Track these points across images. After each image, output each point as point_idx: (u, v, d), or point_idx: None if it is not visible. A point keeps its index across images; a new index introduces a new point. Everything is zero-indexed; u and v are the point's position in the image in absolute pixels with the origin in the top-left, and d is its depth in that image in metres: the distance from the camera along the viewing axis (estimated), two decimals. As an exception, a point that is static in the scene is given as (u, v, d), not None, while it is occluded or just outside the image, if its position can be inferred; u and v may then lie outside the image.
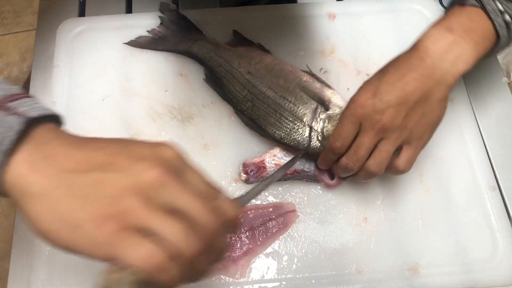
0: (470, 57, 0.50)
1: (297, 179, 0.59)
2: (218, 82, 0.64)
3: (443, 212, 0.59)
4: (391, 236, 0.57)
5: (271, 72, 0.61)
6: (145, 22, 0.70)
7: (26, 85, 0.77)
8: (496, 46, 0.53)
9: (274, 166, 0.59)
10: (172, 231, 0.31)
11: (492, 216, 0.58)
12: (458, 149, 0.62)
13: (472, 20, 0.51)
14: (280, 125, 0.59)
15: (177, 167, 0.34)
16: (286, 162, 0.59)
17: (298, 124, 0.58)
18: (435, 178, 0.61)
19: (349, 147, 0.52)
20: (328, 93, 0.60)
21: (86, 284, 0.54)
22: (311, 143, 0.57)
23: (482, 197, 0.60)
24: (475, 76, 0.68)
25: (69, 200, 0.31)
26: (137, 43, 0.67)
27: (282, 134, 0.59)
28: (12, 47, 1.62)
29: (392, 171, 0.52)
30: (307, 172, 0.59)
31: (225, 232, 0.36)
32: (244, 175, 0.59)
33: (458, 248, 0.57)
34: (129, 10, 0.73)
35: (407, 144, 0.51)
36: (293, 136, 0.58)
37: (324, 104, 0.59)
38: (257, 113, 0.60)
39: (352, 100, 0.52)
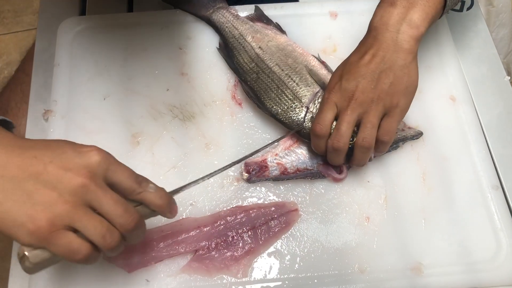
0: (417, 21, 0.53)
1: (301, 177, 0.59)
2: (229, 53, 0.66)
3: (446, 212, 0.58)
4: (394, 236, 0.57)
5: (282, 51, 0.63)
6: (146, 21, 0.69)
7: (9, 84, 0.77)
8: (443, 10, 0.56)
9: (276, 165, 0.59)
10: (95, 229, 0.39)
11: (495, 216, 0.58)
12: (461, 148, 0.62)
13: None
14: (279, 101, 0.60)
15: (102, 171, 0.40)
16: (288, 161, 0.59)
17: (296, 103, 0.59)
18: (437, 178, 0.60)
19: (328, 132, 0.55)
20: None
21: (87, 284, 0.54)
22: (304, 123, 0.59)
23: (485, 197, 0.59)
24: (477, 76, 0.68)
25: (10, 203, 0.38)
26: None
27: (279, 110, 0.60)
28: (12, 47, 1.62)
29: (377, 146, 0.55)
30: (310, 169, 0.59)
31: (143, 222, 0.44)
32: (246, 174, 0.58)
33: (461, 247, 0.57)
34: (130, 8, 0.73)
35: (385, 115, 0.54)
36: (289, 114, 0.59)
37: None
38: (259, 85, 0.61)
39: (325, 90, 0.56)
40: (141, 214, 0.43)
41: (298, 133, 0.60)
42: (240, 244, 0.55)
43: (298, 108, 0.59)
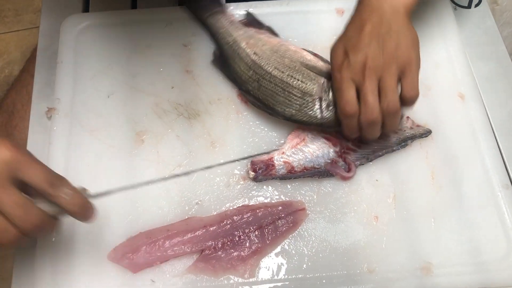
0: None
1: (308, 176, 0.58)
2: (225, 63, 0.64)
3: (455, 211, 0.58)
4: (403, 235, 0.56)
5: (276, 53, 0.61)
6: (150, 18, 0.68)
7: (14, 86, 0.76)
8: None
9: (282, 163, 0.58)
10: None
11: (505, 215, 0.57)
12: (470, 146, 0.61)
13: None
14: (289, 102, 0.58)
15: (8, 170, 0.40)
16: (294, 160, 0.58)
17: (307, 98, 0.58)
18: (447, 176, 0.59)
19: (358, 109, 0.54)
20: None
21: (91, 284, 0.53)
22: (323, 113, 0.57)
23: (495, 195, 0.58)
24: (486, 74, 0.67)
25: None
26: None
27: (293, 111, 0.58)
28: (13, 46, 1.61)
29: (405, 102, 0.54)
30: (317, 168, 0.58)
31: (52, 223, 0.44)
32: (253, 173, 0.58)
33: (471, 247, 0.56)
34: (134, 5, 0.72)
35: (402, 74, 0.53)
36: (304, 110, 0.58)
37: (331, 78, 0.58)
38: (264, 92, 0.60)
39: (332, 70, 0.55)
40: (56, 211, 0.43)
41: (321, 125, 0.58)
42: (247, 244, 0.55)
43: (311, 102, 0.58)
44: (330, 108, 0.57)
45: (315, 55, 0.63)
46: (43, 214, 0.42)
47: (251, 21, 0.67)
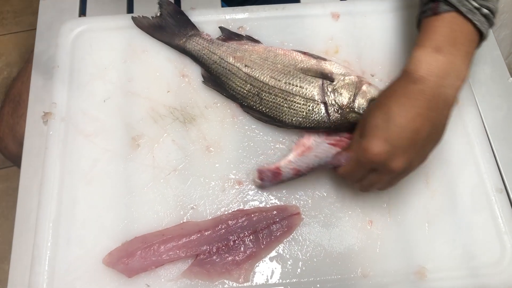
0: (464, 71, 0.50)
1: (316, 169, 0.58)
2: (217, 81, 0.63)
3: (449, 215, 0.58)
4: (397, 240, 0.56)
5: (266, 60, 0.61)
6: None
7: (20, 76, 0.77)
8: (480, 42, 0.53)
9: (290, 170, 0.58)
10: None
11: (499, 219, 0.58)
12: (465, 151, 0.61)
13: (453, 30, 0.51)
14: (294, 111, 0.59)
15: None
16: (302, 166, 0.58)
17: (311, 104, 0.58)
18: (441, 181, 0.60)
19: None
20: (327, 66, 0.61)
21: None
22: (331, 117, 0.58)
23: (489, 200, 0.59)
24: (481, 78, 0.68)
25: None
26: (140, 23, 0.67)
27: (300, 119, 0.59)
28: (12, 47, 1.62)
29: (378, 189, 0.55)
30: (323, 165, 0.57)
31: None
32: (259, 180, 0.58)
33: (465, 251, 0.56)
34: (130, 10, 0.73)
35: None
36: (312, 117, 0.58)
37: (327, 77, 0.59)
38: (267, 105, 0.60)
39: (365, 149, 0.50)
40: None
41: (330, 129, 0.59)
42: (242, 249, 0.55)
43: (316, 107, 0.58)
44: (337, 110, 0.58)
45: (304, 53, 0.63)
46: None
47: (228, 35, 0.66)
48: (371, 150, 0.49)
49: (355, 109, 0.58)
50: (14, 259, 0.56)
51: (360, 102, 0.58)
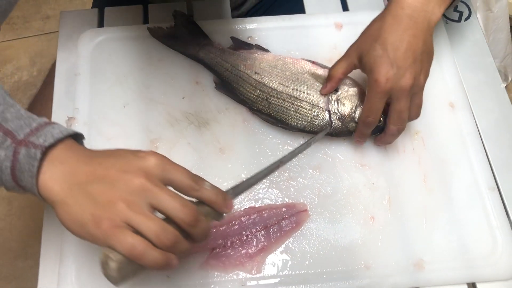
0: (441, 3, 0.57)
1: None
2: (229, 87, 0.68)
3: (445, 211, 0.62)
4: (397, 234, 0.61)
5: (275, 68, 0.66)
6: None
7: (43, 90, 0.80)
8: None
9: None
10: (149, 227, 0.41)
11: (491, 215, 0.62)
12: (460, 152, 0.66)
13: None
14: (300, 115, 0.63)
15: (158, 172, 0.43)
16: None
17: (316, 110, 0.63)
18: (438, 180, 0.64)
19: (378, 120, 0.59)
20: None
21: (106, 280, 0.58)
22: (333, 124, 0.63)
23: (482, 197, 0.63)
24: (475, 84, 0.72)
25: (77, 206, 0.42)
26: (156, 33, 0.72)
27: (305, 124, 0.63)
28: (22, 52, 1.66)
29: (410, 118, 0.60)
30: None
31: (208, 219, 0.45)
32: None
33: (460, 244, 0.60)
34: (145, 21, 0.77)
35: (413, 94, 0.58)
36: (316, 122, 0.63)
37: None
38: (275, 109, 0.64)
39: (376, 80, 0.56)
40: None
41: (330, 135, 0.64)
42: (254, 242, 0.59)
43: (320, 114, 0.63)
44: (339, 118, 0.62)
45: (313, 63, 0.67)
46: (198, 211, 0.44)
47: (239, 44, 0.70)
48: (382, 78, 0.55)
49: (356, 119, 0.62)
50: (44, 254, 0.60)
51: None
